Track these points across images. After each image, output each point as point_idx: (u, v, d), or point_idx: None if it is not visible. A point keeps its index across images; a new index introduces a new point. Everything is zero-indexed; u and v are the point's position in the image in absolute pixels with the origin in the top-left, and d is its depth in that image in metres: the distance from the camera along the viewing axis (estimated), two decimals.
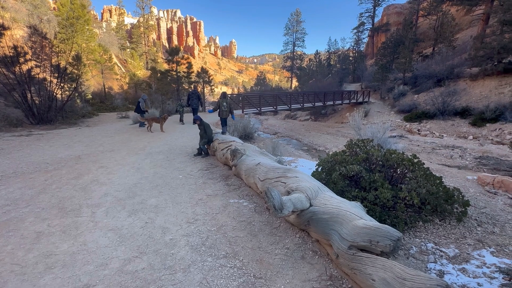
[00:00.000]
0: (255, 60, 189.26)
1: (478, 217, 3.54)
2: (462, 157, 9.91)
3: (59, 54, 12.62)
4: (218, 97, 7.65)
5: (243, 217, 3.35)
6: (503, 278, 2.33)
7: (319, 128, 20.21)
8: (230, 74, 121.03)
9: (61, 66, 11.55)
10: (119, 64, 33.52)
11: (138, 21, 50.49)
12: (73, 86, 12.40)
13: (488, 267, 2.50)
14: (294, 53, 47.49)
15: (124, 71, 33.87)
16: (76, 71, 12.71)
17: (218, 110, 7.44)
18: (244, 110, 14.31)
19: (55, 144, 7.34)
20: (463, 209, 3.38)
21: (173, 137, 8.78)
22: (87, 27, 17.95)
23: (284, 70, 52.28)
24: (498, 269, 2.46)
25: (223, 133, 7.28)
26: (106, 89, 24.15)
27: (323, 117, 24.91)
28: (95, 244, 2.73)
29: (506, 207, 4.15)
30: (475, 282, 2.31)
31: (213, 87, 23.41)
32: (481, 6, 21.26)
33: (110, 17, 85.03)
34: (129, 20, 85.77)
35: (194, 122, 6.62)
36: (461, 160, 9.56)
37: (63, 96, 11.77)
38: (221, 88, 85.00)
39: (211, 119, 12.64)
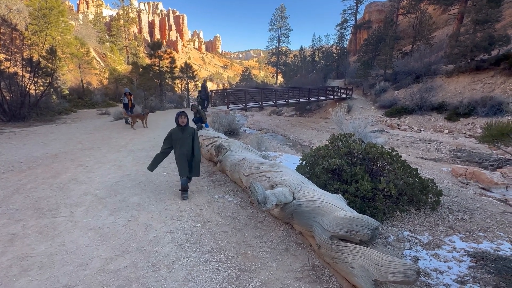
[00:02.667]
0: (240, 56, 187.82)
1: (450, 206, 3.76)
2: (438, 150, 10.44)
3: (32, 47, 11.89)
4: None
5: (228, 212, 3.37)
6: (470, 261, 2.51)
7: (304, 124, 20.49)
8: (215, 69, 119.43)
9: (34, 60, 10.91)
10: (98, 58, 32.14)
11: (118, 13, 48.50)
12: (47, 81, 11.78)
13: (457, 252, 2.68)
14: (279, 49, 47.58)
15: (103, 65, 32.53)
16: (50, 65, 12.07)
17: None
18: (229, 106, 14.22)
19: (30, 142, 6.98)
20: (437, 199, 3.59)
21: (156, 134, 8.59)
22: (61, 19, 16.99)
23: (270, 66, 52.33)
24: (466, 253, 2.65)
25: (206, 127, 7.29)
26: (85, 85, 23.13)
27: (308, 113, 25.25)
28: (74, 244, 2.65)
29: (476, 195, 4.44)
30: (445, 265, 2.47)
31: (197, 82, 23.03)
32: (456, 5, 22.27)
33: (87, 8, 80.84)
34: (108, 12, 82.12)
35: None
36: (437, 153, 10.06)
37: (37, 91, 11.17)
38: None
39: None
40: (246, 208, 3.46)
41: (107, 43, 42.98)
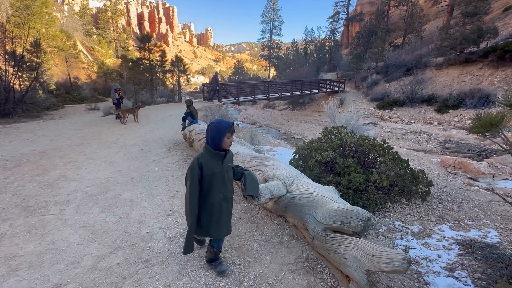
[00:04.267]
0: (232, 49, 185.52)
1: (440, 196, 3.85)
2: (428, 141, 10.65)
3: (14, 40, 11.42)
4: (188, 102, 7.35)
5: None
6: (459, 249, 2.58)
7: (297, 117, 20.53)
8: (207, 63, 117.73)
9: (17, 53, 10.49)
10: (85, 52, 31.21)
11: (105, 5, 47.01)
12: (33, 76, 11.36)
13: (447, 240, 2.76)
14: (272, 42, 47.14)
15: (91, 59, 31.64)
16: (35, 59, 11.63)
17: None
18: (222, 100, 14.09)
19: (16, 139, 6.76)
20: (427, 189, 3.66)
21: (148, 129, 8.44)
22: (45, 10, 16.29)
23: (262, 59, 51.91)
24: (455, 241, 2.73)
25: (196, 122, 7.16)
26: (72, 79, 22.46)
27: (301, 106, 25.28)
28: (65, 243, 2.59)
29: (464, 185, 4.56)
30: (435, 254, 2.54)
31: (189, 76, 22.67)
32: None
33: (73, 0, 77.94)
34: (95, 3, 79.34)
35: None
36: (427, 145, 10.27)
37: (22, 86, 10.78)
38: (198, 78, 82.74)
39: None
40: (240, 203, 3.46)
41: (95, 36, 41.69)
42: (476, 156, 8.06)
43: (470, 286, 2.09)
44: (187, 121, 7.06)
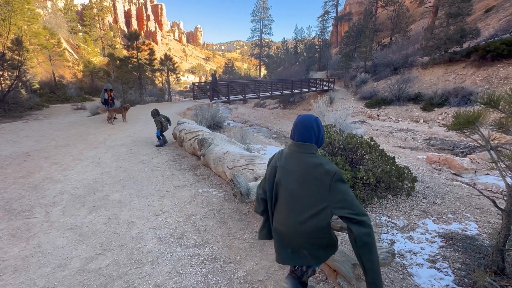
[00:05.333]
0: (223, 48, 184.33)
1: (424, 191, 3.99)
2: (414, 139, 10.95)
3: None
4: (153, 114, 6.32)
5: (213, 206, 3.36)
6: (441, 241, 2.69)
7: (288, 116, 20.65)
8: (197, 61, 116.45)
9: None
10: (70, 50, 30.32)
11: (90, 1, 45.70)
12: (14, 75, 10.96)
13: (430, 233, 2.87)
14: (262, 41, 47.17)
15: (76, 57, 30.77)
16: (17, 57, 11.22)
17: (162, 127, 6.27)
18: (212, 99, 14.01)
19: None
20: (412, 185, 3.79)
21: (136, 129, 8.32)
22: (27, 7, 15.73)
23: (253, 58, 51.87)
24: (437, 234, 2.84)
25: (157, 133, 6.28)
26: (57, 78, 21.77)
27: (291, 105, 25.44)
28: (51, 245, 2.55)
29: (447, 181, 4.74)
30: (419, 247, 2.64)
31: (179, 75, 22.41)
32: None
33: None
34: (79, 0, 77.03)
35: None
36: (413, 142, 10.56)
37: (3, 86, 10.37)
38: (188, 77, 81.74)
39: (177, 109, 12.21)
40: (231, 201, 3.48)
41: (80, 34, 40.53)
42: (460, 153, 8.36)
43: (451, 276, 2.19)
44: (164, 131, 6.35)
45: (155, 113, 6.25)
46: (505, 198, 2.01)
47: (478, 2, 23.31)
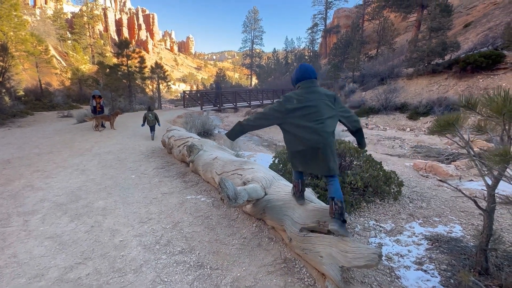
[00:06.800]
0: (214, 57, 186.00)
1: (410, 195, 4.06)
2: (401, 147, 11.21)
3: None
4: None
5: (201, 212, 3.30)
6: (427, 244, 2.72)
7: None
8: (188, 70, 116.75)
9: None
10: (58, 57, 29.86)
11: (81, 10, 45.52)
12: None
13: (416, 236, 2.90)
14: (253, 51, 47.99)
15: (65, 65, 30.30)
16: (1, 63, 10.94)
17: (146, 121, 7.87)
18: (203, 107, 14.01)
19: None
20: (398, 189, 3.85)
21: (125, 136, 8.16)
22: (14, 13, 15.51)
23: (244, 68, 52.60)
24: (424, 237, 2.87)
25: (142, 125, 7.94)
26: (43, 85, 21.31)
27: None
28: (28, 255, 2.41)
29: (432, 185, 4.84)
30: (406, 249, 2.66)
31: (169, 83, 22.37)
32: (414, 14, 24.20)
33: (46, 3, 74.61)
34: (70, 8, 76.64)
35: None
36: (400, 150, 10.80)
37: None
38: (179, 85, 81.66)
39: (167, 117, 12.10)
40: (219, 207, 3.42)
41: (69, 41, 40.07)
42: (445, 160, 8.60)
43: (437, 277, 2.20)
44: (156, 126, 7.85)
45: (147, 108, 7.93)
46: (486, 199, 2.07)
47: (457, 18, 24.64)
